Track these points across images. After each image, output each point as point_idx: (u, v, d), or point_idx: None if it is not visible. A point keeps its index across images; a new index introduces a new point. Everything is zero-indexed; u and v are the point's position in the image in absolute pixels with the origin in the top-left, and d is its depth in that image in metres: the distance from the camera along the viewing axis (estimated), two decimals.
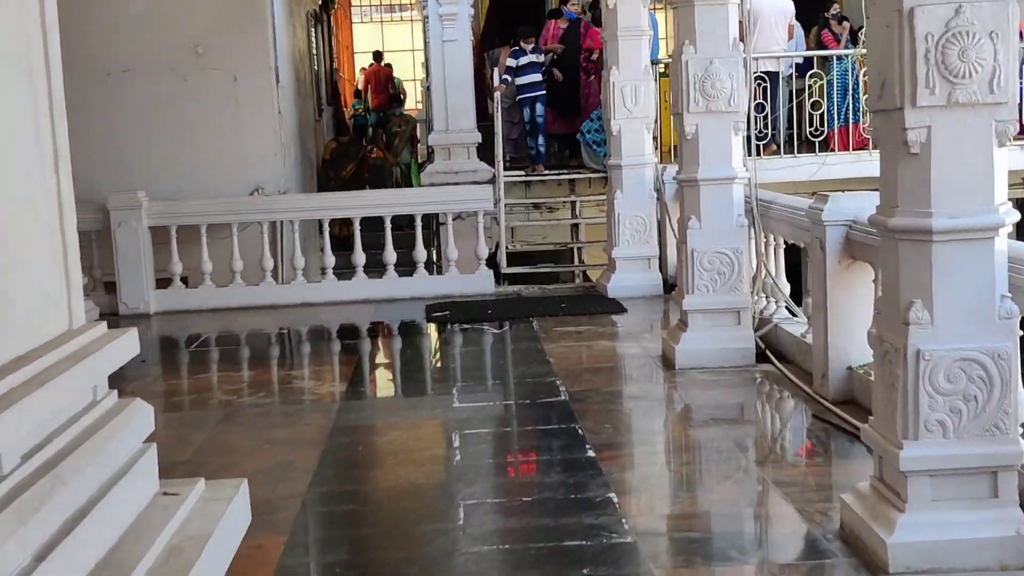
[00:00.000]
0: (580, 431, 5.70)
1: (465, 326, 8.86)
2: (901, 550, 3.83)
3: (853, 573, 3.89)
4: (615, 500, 4.68)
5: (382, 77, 18.28)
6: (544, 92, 11.81)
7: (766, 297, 7.75)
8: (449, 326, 8.91)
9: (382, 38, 26.78)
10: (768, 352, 7.13)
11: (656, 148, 10.34)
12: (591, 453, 5.32)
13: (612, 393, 6.60)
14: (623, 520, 4.45)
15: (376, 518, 4.65)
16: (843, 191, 6.36)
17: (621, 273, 9.82)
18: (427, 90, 13.29)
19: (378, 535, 4.43)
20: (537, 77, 11.78)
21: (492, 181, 11.36)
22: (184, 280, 10.25)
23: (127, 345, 3.31)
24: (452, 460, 5.36)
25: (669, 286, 9.83)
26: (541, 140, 11.73)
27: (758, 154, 9.79)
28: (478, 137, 11.79)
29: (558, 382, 6.76)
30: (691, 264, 7.09)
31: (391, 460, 5.59)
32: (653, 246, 9.88)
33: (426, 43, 12.69)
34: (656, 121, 10.24)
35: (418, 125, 15.62)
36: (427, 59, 12.28)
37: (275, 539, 4.37)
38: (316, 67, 15.32)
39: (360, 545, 4.36)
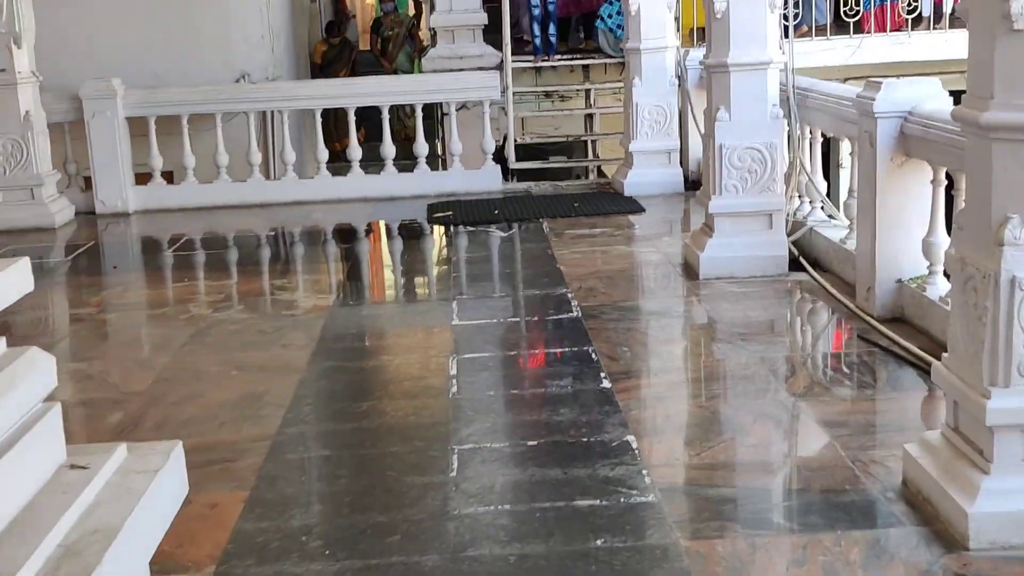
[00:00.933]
0: (594, 356, 5.00)
1: (470, 228, 8.12)
2: (985, 521, 3.16)
3: (923, 548, 3.22)
4: (634, 445, 4.00)
5: None
6: None
7: (799, 197, 6.97)
8: (452, 228, 8.16)
9: None
10: (802, 260, 6.38)
11: (676, 30, 9.39)
12: (606, 384, 4.63)
13: (629, 309, 5.87)
14: (643, 472, 3.77)
15: (355, 468, 3.97)
16: (877, 78, 5.52)
17: (639, 168, 9.01)
18: None
19: (356, 491, 3.75)
20: None
21: (499, 67, 10.48)
22: (166, 176, 9.49)
23: (15, 282, 2.58)
24: (447, 392, 4.67)
25: (690, 183, 9.06)
26: (551, 28, 10.76)
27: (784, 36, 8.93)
28: (484, 18, 10.84)
29: (569, 295, 6.05)
30: (719, 161, 6.28)
31: (378, 392, 4.91)
32: (674, 138, 9.05)
33: None
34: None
35: (420, 19, 14.40)
36: None
37: (234, 496, 3.71)
38: None
39: (334, 505, 3.69)
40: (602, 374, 4.74)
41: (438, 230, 8.23)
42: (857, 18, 10.97)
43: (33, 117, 8.68)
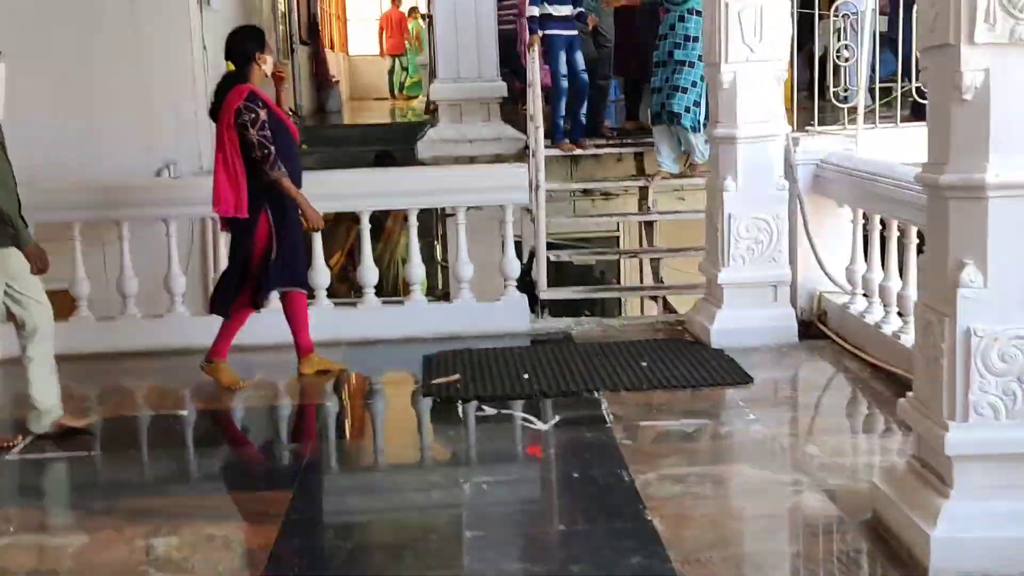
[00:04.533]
0: None
1: (487, 408, 5.27)
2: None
3: None
4: None
5: (394, 20, 14.89)
6: (576, 34, 8.09)
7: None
8: (459, 409, 5.32)
9: None
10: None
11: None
12: None
13: None
14: None
15: None
16: None
17: (732, 309, 6.20)
18: (429, 21, 9.53)
19: None
20: (569, 10, 8.02)
21: (523, 155, 7.75)
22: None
23: None
24: None
25: (805, 327, 6.27)
26: (583, 107, 8.02)
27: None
28: (502, 88, 8.14)
29: None
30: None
31: None
32: (782, 265, 6.25)
33: None
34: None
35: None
36: None
37: None
38: None
39: None
40: None
41: (437, 412, 5.37)
42: None
43: None
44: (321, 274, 6.68)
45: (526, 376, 5.72)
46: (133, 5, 7.10)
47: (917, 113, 7.46)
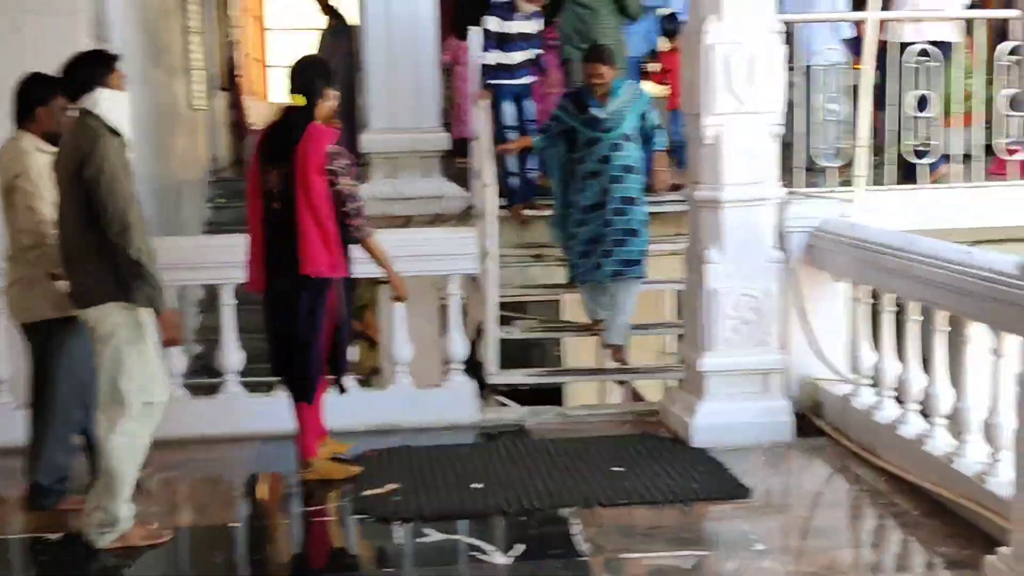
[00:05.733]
0: None
1: (430, 532, 4.27)
2: None
3: None
4: None
5: None
6: (528, 82, 7.23)
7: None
8: (393, 533, 4.30)
9: None
10: None
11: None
12: None
13: None
14: None
15: None
16: None
17: (717, 401, 5.29)
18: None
19: None
20: (527, 56, 7.17)
21: (466, 215, 6.83)
22: None
23: None
24: None
25: (802, 421, 5.39)
26: (532, 163, 7.12)
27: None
28: (444, 141, 7.21)
29: None
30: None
31: None
32: (772, 349, 5.37)
33: None
34: None
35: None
36: (363, 13, 7.55)
37: None
38: (194, 33, 10.52)
39: None
40: None
41: (367, 536, 4.36)
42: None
43: None
44: (232, 355, 5.66)
45: (478, 486, 4.74)
46: (17, 38, 6.02)
47: (910, 175, 6.73)
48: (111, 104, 4.05)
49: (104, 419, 4.10)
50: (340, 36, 9.49)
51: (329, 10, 9.84)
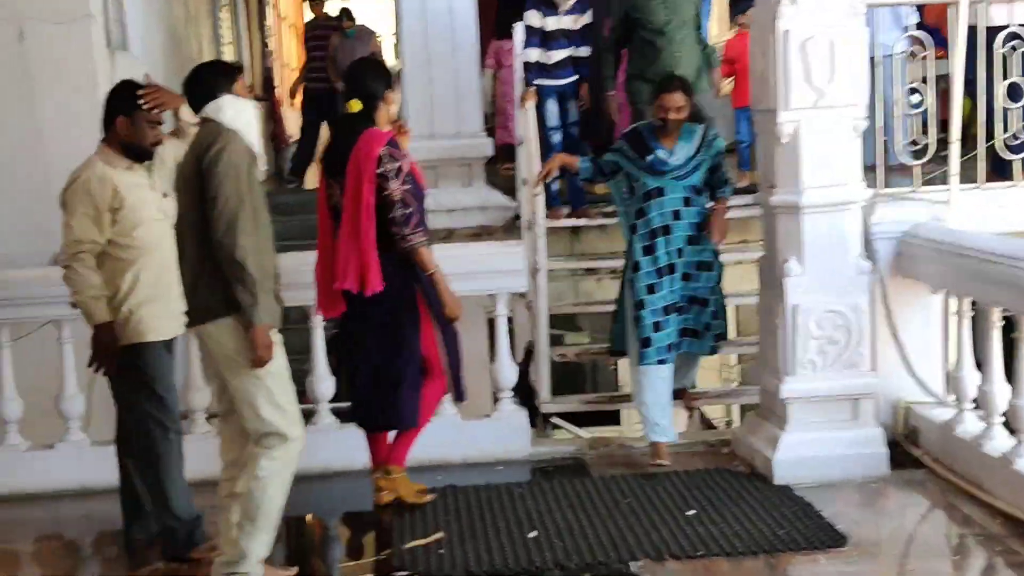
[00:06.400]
0: None
1: None
2: None
3: None
4: None
5: None
6: (572, 81, 6.72)
7: None
8: None
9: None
10: None
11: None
12: None
13: None
14: None
15: None
16: None
17: (800, 431, 4.71)
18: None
19: None
20: (568, 53, 6.67)
21: (514, 226, 6.31)
22: None
23: None
24: None
25: (897, 451, 4.80)
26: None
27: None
28: (488, 147, 6.70)
29: None
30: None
31: None
32: (864, 371, 4.77)
33: None
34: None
35: None
36: (398, 13, 7.04)
37: None
38: (225, 43, 10.12)
39: None
40: None
41: None
42: None
43: None
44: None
45: (533, 534, 4.20)
46: (21, 48, 5.61)
47: (1000, 170, 6.10)
48: (235, 113, 3.75)
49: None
50: (357, 39, 9.46)
51: (343, 11, 9.82)
